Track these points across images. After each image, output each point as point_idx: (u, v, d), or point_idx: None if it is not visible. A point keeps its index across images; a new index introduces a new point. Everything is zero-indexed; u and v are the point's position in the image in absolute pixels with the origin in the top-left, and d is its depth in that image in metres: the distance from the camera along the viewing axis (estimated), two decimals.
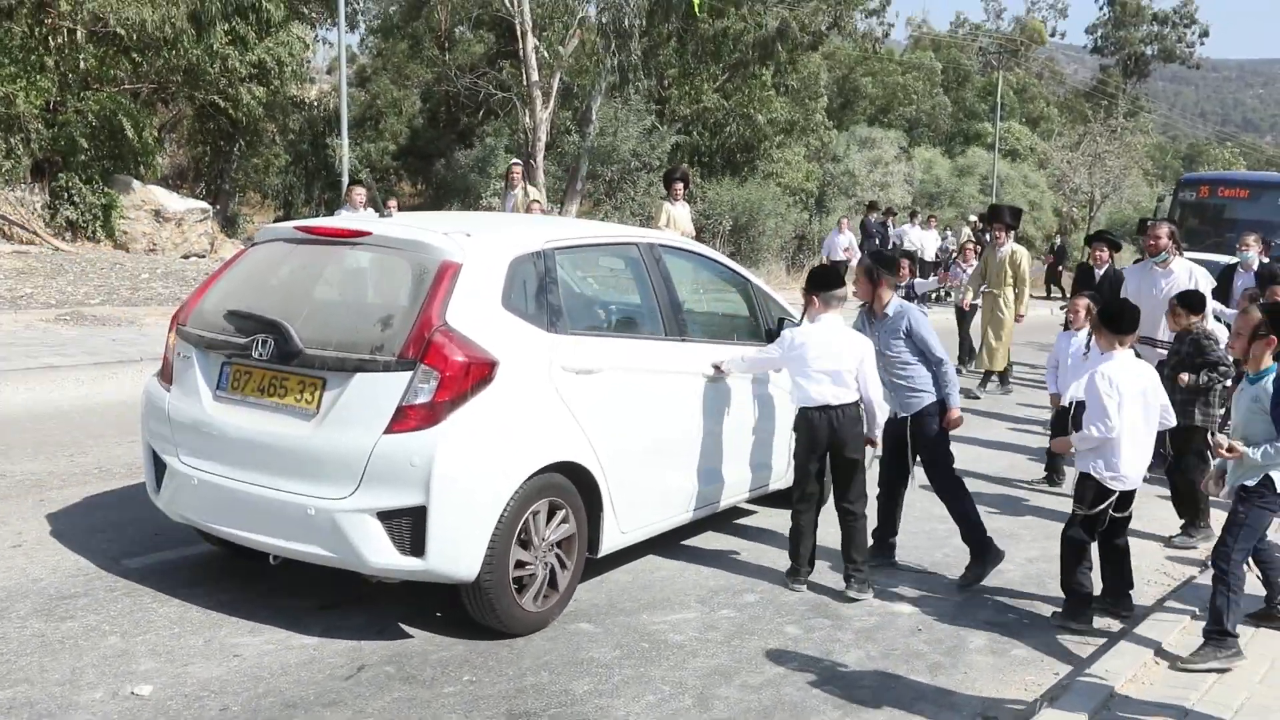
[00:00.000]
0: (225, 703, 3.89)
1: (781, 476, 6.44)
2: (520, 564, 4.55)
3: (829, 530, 6.32)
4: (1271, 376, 4.51)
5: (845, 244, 19.24)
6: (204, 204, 20.76)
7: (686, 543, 6.02)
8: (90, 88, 18.41)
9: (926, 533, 6.57)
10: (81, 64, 17.91)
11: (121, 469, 6.63)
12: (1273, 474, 4.50)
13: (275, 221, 29.47)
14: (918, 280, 13.64)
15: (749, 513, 6.70)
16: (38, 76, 16.71)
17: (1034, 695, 4.39)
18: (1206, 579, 5.38)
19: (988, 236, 12.40)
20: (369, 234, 4.76)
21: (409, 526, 4.26)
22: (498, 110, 26.61)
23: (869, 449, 5.57)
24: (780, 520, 6.53)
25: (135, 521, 5.66)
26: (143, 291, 13.76)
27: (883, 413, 5.60)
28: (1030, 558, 6.23)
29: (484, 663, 4.37)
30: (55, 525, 5.59)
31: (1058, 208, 39.35)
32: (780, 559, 5.84)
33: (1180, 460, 6.76)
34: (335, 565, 4.41)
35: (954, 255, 19.54)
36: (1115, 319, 5.15)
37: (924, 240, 21.73)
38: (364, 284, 4.96)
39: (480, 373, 4.36)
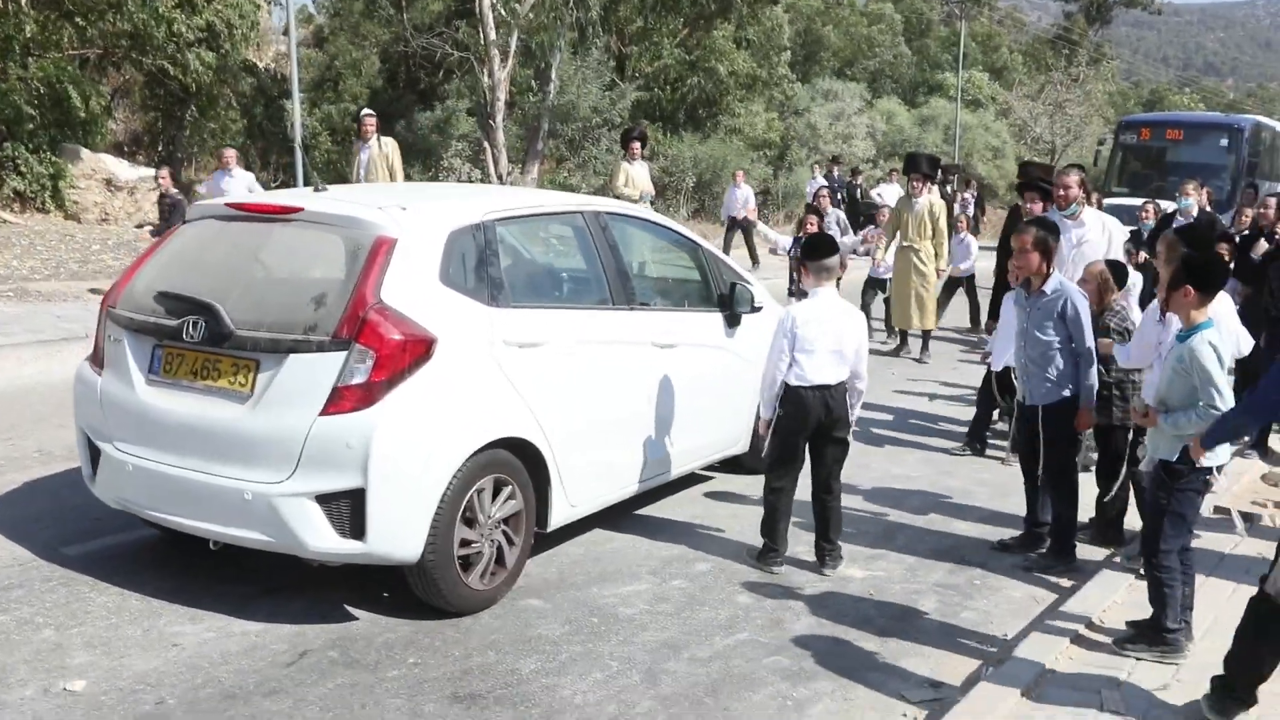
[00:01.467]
0: (161, 695, 3.82)
1: (735, 443, 6.42)
2: (465, 542, 4.49)
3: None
4: (1205, 334, 4.05)
5: (743, 199, 18.78)
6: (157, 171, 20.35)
7: (640, 512, 5.97)
8: (33, 54, 17.91)
9: (884, 493, 6.58)
10: (25, 31, 17.39)
11: (63, 452, 6.49)
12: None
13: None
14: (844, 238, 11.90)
15: (705, 479, 6.67)
16: None
17: (981, 660, 4.40)
18: None
19: (948, 189, 11.80)
20: (301, 210, 4.64)
21: (348, 509, 4.19)
22: (457, 70, 26.18)
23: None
24: (735, 485, 6.52)
25: (75, 508, 5.53)
26: (92, 264, 13.48)
27: (860, 402, 5.37)
28: (981, 517, 6.24)
29: (430, 644, 4.32)
30: None
31: (1019, 156, 39.32)
32: (735, 526, 5.83)
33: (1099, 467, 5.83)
34: (274, 550, 4.34)
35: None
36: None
37: (887, 194, 21.62)
38: (297, 262, 4.82)
39: (417, 351, 4.27)
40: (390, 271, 4.32)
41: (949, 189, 19.17)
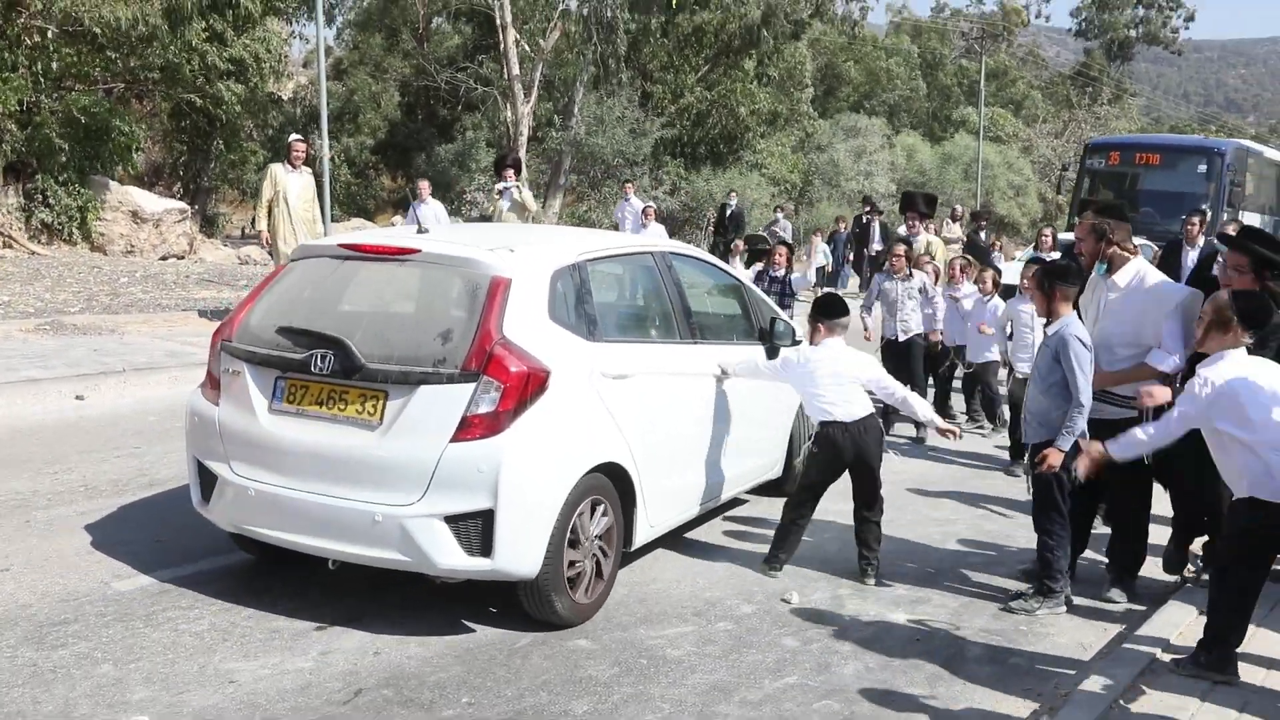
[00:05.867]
0: None
1: (772, 467, 6.79)
2: (571, 562, 4.77)
3: (833, 541, 6.36)
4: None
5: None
6: (182, 204, 20.59)
7: (681, 549, 6.00)
8: (64, 87, 18.18)
9: (925, 536, 6.57)
10: (54, 64, 17.67)
11: (107, 486, 6.55)
12: None
13: (253, 221, 29.30)
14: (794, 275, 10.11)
15: (741, 502, 6.85)
16: (11, 76, 16.49)
17: (1033, 705, 4.39)
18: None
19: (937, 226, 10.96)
20: (418, 251, 4.92)
21: (478, 529, 4.46)
22: (478, 104, 26.46)
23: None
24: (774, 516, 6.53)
25: (123, 543, 5.58)
26: (123, 297, 13.60)
27: (918, 403, 5.96)
28: (1022, 560, 6.22)
29: (482, 684, 4.33)
30: (42, 548, 5.51)
31: (1042, 194, 39.39)
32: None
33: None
34: (403, 568, 4.60)
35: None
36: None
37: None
38: (416, 299, 5.13)
39: (538, 381, 4.59)
40: (509, 309, 4.63)
41: (982, 235, 17.70)
